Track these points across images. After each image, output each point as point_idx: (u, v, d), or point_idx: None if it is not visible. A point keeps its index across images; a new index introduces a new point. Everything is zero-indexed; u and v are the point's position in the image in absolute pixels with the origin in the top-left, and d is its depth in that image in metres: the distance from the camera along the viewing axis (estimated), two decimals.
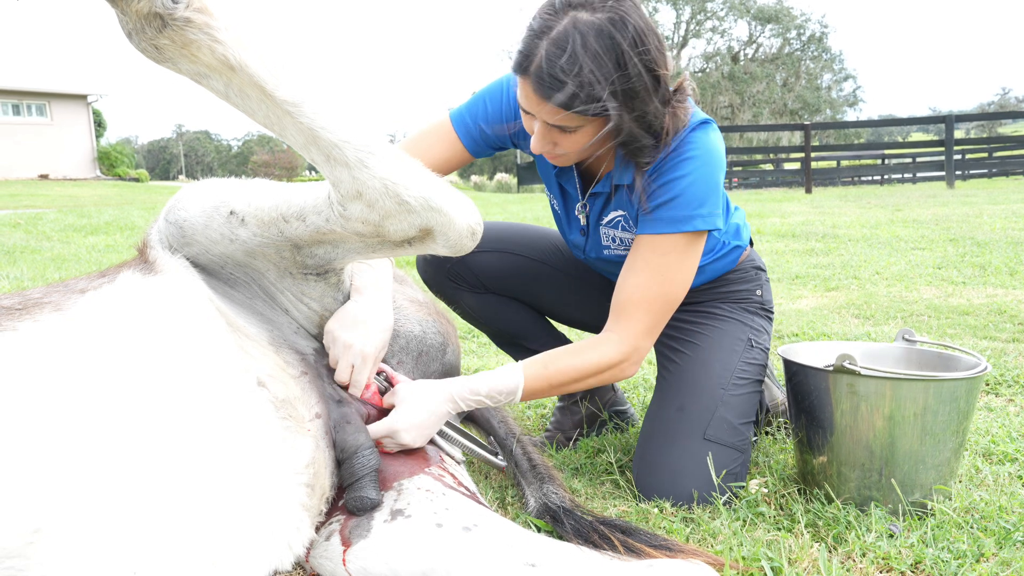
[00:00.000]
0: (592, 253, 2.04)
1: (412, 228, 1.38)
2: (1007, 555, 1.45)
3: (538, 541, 1.35)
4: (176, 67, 1.24)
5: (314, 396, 1.55)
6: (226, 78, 1.24)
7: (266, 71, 1.24)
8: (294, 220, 1.44)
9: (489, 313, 2.26)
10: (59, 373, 1.17)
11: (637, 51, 1.55)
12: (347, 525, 1.46)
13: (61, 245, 7.81)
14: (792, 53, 41.49)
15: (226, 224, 1.50)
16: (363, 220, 1.37)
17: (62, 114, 30.40)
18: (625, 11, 1.56)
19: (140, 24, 1.18)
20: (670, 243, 1.74)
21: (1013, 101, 70.55)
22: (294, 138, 1.32)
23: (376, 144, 1.33)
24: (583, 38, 1.53)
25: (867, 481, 1.69)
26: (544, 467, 1.82)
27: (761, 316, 2.08)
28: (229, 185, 1.57)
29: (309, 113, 1.27)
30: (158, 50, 1.21)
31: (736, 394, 1.89)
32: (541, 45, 1.56)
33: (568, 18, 1.55)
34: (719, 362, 1.93)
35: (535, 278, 2.22)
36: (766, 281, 2.14)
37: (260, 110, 1.29)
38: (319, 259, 1.55)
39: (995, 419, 2.29)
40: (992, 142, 20.65)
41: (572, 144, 1.68)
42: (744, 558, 1.45)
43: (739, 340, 1.98)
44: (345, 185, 1.33)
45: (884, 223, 8.40)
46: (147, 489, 1.16)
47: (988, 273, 5.11)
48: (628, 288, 1.77)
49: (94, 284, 1.44)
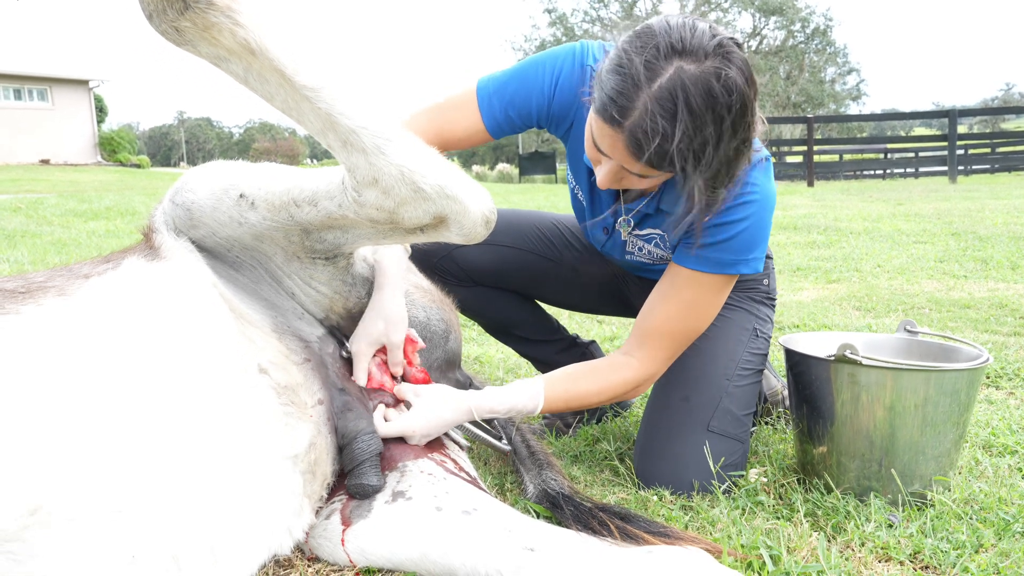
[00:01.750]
0: (612, 252, 2.02)
1: (427, 215, 1.37)
2: (1006, 546, 1.45)
3: (537, 526, 1.35)
4: (196, 50, 1.24)
5: (316, 382, 1.55)
6: (246, 62, 1.24)
7: (286, 56, 1.23)
8: (306, 205, 1.44)
9: (480, 305, 2.26)
10: (60, 358, 1.17)
11: (737, 115, 1.43)
12: (348, 505, 1.47)
13: (61, 230, 7.80)
14: (796, 46, 41.35)
15: (235, 207, 1.50)
16: (378, 207, 1.36)
17: (63, 99, 30.30)
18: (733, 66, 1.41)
19: (162, 5, 1.17)
20: (709, 281, 1.73)
21: (1017, 96, 70.31)
22: (311, 123, 1.31)
23: (393, 131, 1.32)
24: (687, 98, 1.39)
25: (867, 471, 1.69)
26: (543, 454, 1.82)
27: (766, 305, 2.06)
28: (238, 168, 1.56)
29: (327, 99, 1.26)
30: (178, 32, 1.20)
31: (740, 384, 1.89)
32: (641, 98, 1.42)
33: (673, 69, 1.40)
34: (725, 352, 1.92)
35: (521, 268, 2.21)
36: (772, 269, 2.12)
37: (279, 95, 1.28)
38: (328, 244, 1.55)
39: (995, 411, 2.29)
40: (995, 137, 20.61)
41: (640, 184, 1.63)
42: (743, 546, 1.45)
43: (745, 330, 1.97)
44: (361, 171, 1.33)
45: (886, 217, 8.39)
46: (147, 475, 1.16)
47: (990, 267, 5.11)
48: (657, 317, 1.76)
49: (98, 269, 1.44)
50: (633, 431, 2.22)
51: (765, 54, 41.38)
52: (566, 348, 2.37)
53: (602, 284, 2.25)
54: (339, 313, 1.71)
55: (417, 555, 1.34)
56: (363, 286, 1.73)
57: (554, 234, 2.24)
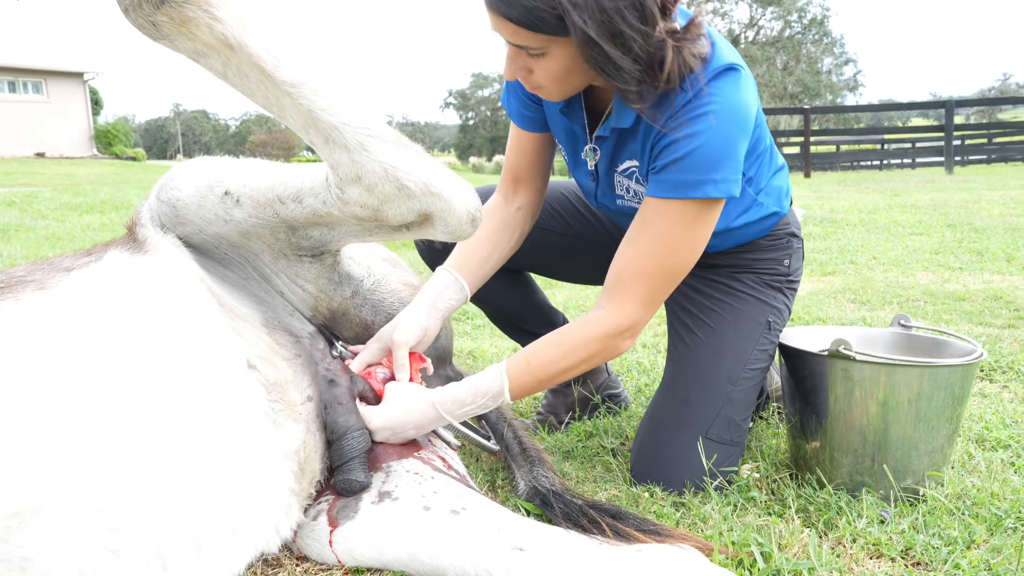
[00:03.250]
0: (604, 201, 1.87)
1: (411, 213, 1.36)
2: (998, 542, 1.44)
3: (526, 525, 1.34)
4: (173, 45, 1.22)
5: (306, 378, 1.54)
6: (224, 57, 1.23)
7: (266, 51, 1.22)
8: (291, 202, 1.43)
9: (485, 292, 2.23)
10: (39, 354, 1.15)
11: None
12: (335, 505, 1.46)
13: (56, 223, 7.77)
14: (793, 36, 41.28)
15: (220, 204, 1.48)
16: (361, 204, 1.35)
17: (59, 92, 30.17)
18: None
19: (138, 0, 1.16)
20: (676, 210, 1.56)
21: (1014, 87, 70.26)
22: (293, 120, 1.30)
23: (377, 127, 1.31)
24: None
25: (859, 467, 1.68)
26: (534, 450, 1.81)
27: (785, 292, 1.93)
28: (223, 165, 1.55)
29: (309, 95, 1.25)
30: (155, 27, 1.19)
31: (744, 388, 1.82)
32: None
33: None
34: (732, 352, 1.82)
35: (534, 245, 2.12)
36: (797, 249, 1.96)
37: (259, 91, 1.27)
38: (315, 241, 1.54)
39: (989, 405, 2.28)
40: (992, 128, 20.58)
41: (545, 71, 1.52)
42: (734, 543, 1.44)
43: (758, 323, 1.86)
44: (344, 168, 1.31)
45: (882, 208, 8.38)
46: (131, 473, 1.14)
47: (985, 259, 5.10)
48: (624, 258, 1.62)
49: (80, 262, 1.42)
50: (627, 427, 2.21)
51: (762, 44, 41.31)
52: None
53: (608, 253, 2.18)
54: (324, 314, 1.70)
55: (405, 555, 1.33)
56: (348, 285, 1.72)
57: (563, 204, 2.16)
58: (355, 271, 1.75)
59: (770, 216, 1.87)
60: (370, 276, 1.80)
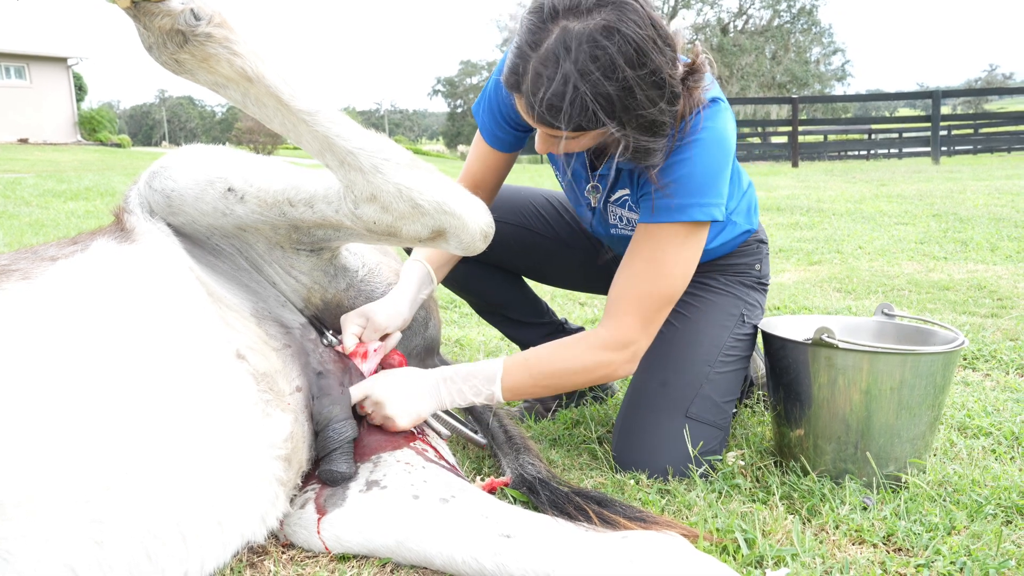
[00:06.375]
0: (600, 230, 1.98)
1: (425, 229, 1.41)
2: (978, 528, 1.46)
3: (513, 512, 1.35)
4: (195, 78, 1.28)
5: (295, 369, 1.54)
6: (243, 88, 1.28)
7: (282, 82, 1.28)
8: (301, 206, 1.47)
9: (472, 281, 2.24)
10: (24, 344, 1.15)
11: (633, 61, 1.41)
12: (322, 494, 1.46)
13: (40, 210, 7.71)
14: (782, 26, 41.28)
15: (222, 200, 1.50)
16: (375, 220, 1.40)
17: (42, 77, 29.83)
18: (620, 13, 1.41)
19: (162, 39, 1.21)
20: (666, 233, 1.65)
21: (1000, 78, 70.65)
22: (309, 144, 1.35)
23: (390, 150, 1.36)
24: (572, 55, 1.40)
25: (843, 454, 1.70)
26: (520, 438, 1.82)
27: (757, 290, 2.03)
28: (226, 159, 1.56)
29: (324, 122, 1.31)
30: (178, 64, 1.25)
31: (722, 371, 1.87)
32: (530, 64, 1.45)
33: (558, 30, 1.42)
34: (708, 337, 1.89)
35: (516, 243, 2.18)
36: (766, 254, 2.08)
37: (276, 118, 1.33)
38: (316, 238, 1.56)
39: (971, 393, 2.31)
40: (978, 118, 20.71)
41: (576, 146, 1.59)
42: (718, 530, 1.46)
43: (731, 315, 1.94)
44: (359, 188, 1.37)
45: (869, 198, 8.42)
46: (117, 464, 1.14)
47: (969, 249, 5.14)
48: (620, 281, 1.70)
49: (65, 251, 1.41)
50: (613, 414, 2.22)
51: (751, 34, 41.31)
52: (553, 332, 2.36)
53: (594, 261, 2.24)
54: (316, 304, 1.70)
55: (393, 542, 1.34)
56: (344, 278, 1.72)
57: (548, 210, 2.22)
58: (351, 263, 1.76)
59: (742, 234, 1.99)
60: (364, 267, 1.80)
